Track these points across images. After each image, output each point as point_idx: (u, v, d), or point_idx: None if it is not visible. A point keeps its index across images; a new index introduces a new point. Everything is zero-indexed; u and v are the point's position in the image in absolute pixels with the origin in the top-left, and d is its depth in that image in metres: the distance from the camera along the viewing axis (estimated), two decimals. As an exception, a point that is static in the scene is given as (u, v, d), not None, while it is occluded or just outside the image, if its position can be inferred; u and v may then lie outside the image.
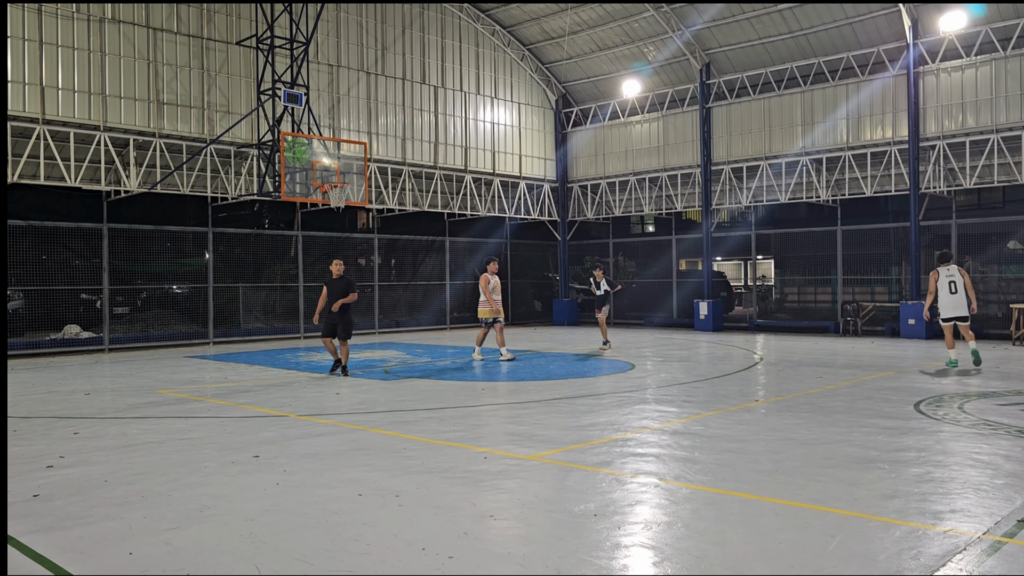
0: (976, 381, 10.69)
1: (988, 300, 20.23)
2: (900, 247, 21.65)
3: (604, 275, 16.60)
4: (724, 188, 22.40)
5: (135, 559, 4.13)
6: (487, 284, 13.90)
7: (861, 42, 19.78)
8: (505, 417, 8.25)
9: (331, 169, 17.57)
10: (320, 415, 8.55)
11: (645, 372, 12.29)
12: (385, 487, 5.48)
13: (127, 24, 16.87)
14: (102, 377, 12.65)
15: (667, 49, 22.45)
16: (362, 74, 20.86)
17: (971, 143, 18.25)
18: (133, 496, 5.34)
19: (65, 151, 15.99)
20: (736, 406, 8.81)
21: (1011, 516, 4.67)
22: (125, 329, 18.93)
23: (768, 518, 4.70)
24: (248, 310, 20.91)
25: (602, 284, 16.48)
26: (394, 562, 4.05)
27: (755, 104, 21.73)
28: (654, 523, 4.66)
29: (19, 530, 4.59)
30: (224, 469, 6.10)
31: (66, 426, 8.08)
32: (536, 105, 25.41)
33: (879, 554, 4.06)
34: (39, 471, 6.10)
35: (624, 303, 26.09)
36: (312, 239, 21.87)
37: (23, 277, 16.40)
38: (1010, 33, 17.63)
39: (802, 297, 24.56)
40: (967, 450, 6.43)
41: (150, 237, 18.53)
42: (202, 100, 17.94)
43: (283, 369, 13.23)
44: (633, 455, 6.41)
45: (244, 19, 18.64)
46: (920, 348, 15.87)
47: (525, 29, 23.84)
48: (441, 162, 22.62)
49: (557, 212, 26.02)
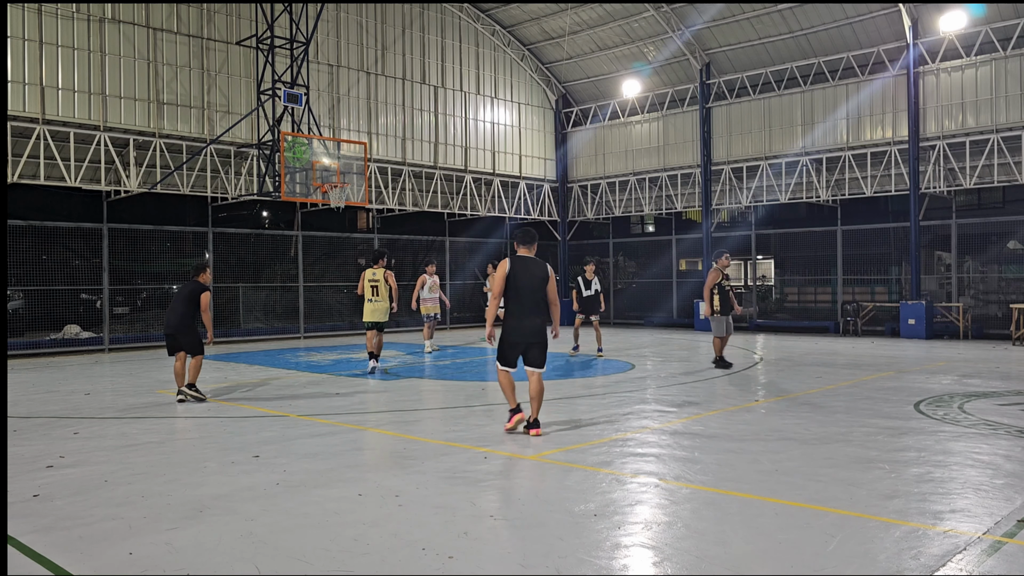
0: (976, 381, 10.69)
1: (988, 300, 20.24)
2: (900, 247, 21.65)
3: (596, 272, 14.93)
4: (724, 188, 22.40)
5: (135, 559, 4.13)
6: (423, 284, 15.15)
7: (861, 42, 19.78)
8: (505, 417, 8.24)
9: (331, 169, 17.57)
10: (320, 415, 8.55)
11: (645, 372, 12.29)
12: (385, 487, 5.48)
13: (127, 24, 16.87)
14: (102, 377, 12.65)
15: (667, 49, 22.45)
16: (362, 74, 20.86)
17: (971, 143, 18.25)
18: (133, 496, 5.34)
19: (65, 151, 15.99)
20: (736, 406, 8.81)
21: (1011, 516, 4.67)
22: (125, 329, 18.93)
23: (768, 518, 4.70)
24: (248, 310, 20.91)
25: (593, 283, 14.73)
26: (394, 562, 4.05)
27: (755, 104, 21.73)
28: (654, 523, 4.66)
29: (19, 530, 4.59)
30: (224, 469, 6.10)
31: (66, 426, 8.08)
32: (536, 105, 25.41)
33: (879, 554, 4.06)
34: (39, 471, 6.10)
35: (624, 303, 26.11)
36: (312, 239, 21.87)
37: (23, 277, 16.40)
38: (1010, 33, 17.63)
39: (802, 297, 24.56)
40: (967, 450, 6.43)
41: (150, 237, 18.53)
42: (202, 100, 17.93)
43: (283, 369, 13.23)
44: (633, 455, 6.41)
45: (244, 19, 18.64)
46: (920, 348, 15.87)
47: (525, 29, 23.84)
48: (441, 162, 22.63)
49: (557, 212, 26.03)
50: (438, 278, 15.74)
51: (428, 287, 15.26)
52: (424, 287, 15.36)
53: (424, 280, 15.19)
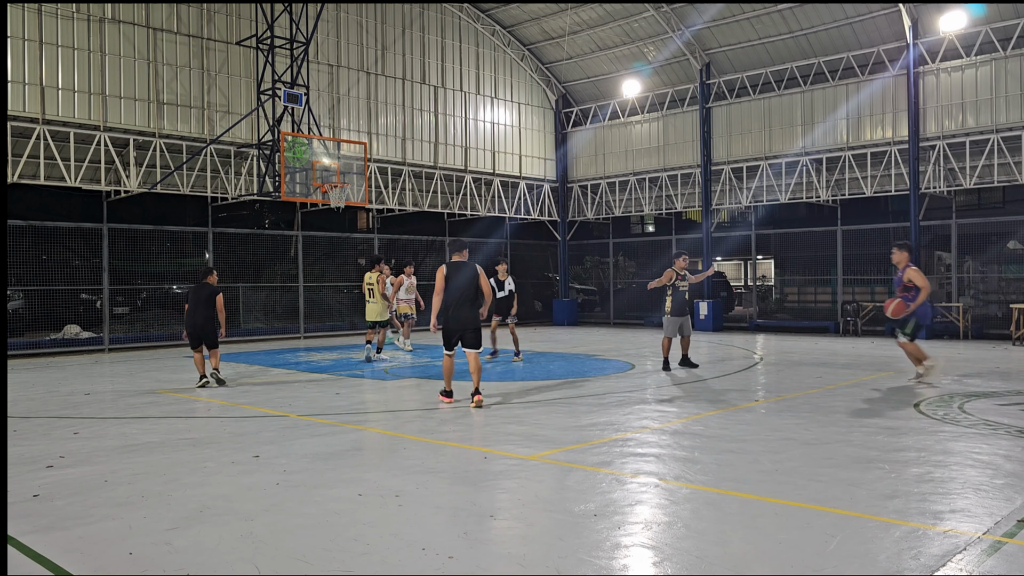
0: (976, 381, 10.69)
1: (988, 300, 20.24)
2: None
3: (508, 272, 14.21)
4: (724, 188, 22.40)
5: (135, 559, 4.13)
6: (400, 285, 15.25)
7: (861, 42, 19.78)
8: (505, 417, 8.25)
9: (331, 169, 17.58)
10: (320, 415, 8.55)
11: (645, 372, 12.29)
12: (385, 487, 5.48)
13: (127, 24, 16.87)
14: (102, 377, 12.65)
15: (667, 49, 22.45)
16: (362, 74, 20.86)
17: (971, 143, 18.24)
18: (133, 496, 5.34)
19: (65, 151, 15.99)
20: (736, 406, 8.81)
21: (1011, 516, 4.67)
22: (125, 329, 18.93)
23: (768, 518, 4.70)
24: (248, 310, 20.92)
25: (507, 283, 13.90)
26: (394, 562, 4.05)
27: (755, 104, 21.73)
28: (654, 523, 4.66)
29: (19, 530, 4.59)
30: (224, 469, 6.10)
31: (66, 426, 8.08)
32: (536, 105, 25.41)
33: (879, 554, 4.06)
34: (39, 471, 6.10)
35: (624, 303, 26.10)
36: (312, 239, 21.87)
37: (23, 277, 16.40)
38: (1010, 33, 17.63)
39: (802, 297, 24.56)
40: (967, 450, 6.43)
41: (150, 237, 18.53)
42: (202, 100, 17.93)
43: (283, 369, 13.23)
44: (633, 455, 6.41)
45: (244, 19, 18.64)
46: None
47: (525, 29, 23.84)
48: (441, 162, 22.62)
49: (557, 212, 26.02)
50: (415, 279, 15.84)
51: (405, 288, 15.44)
52: (401, 288, 15.49)
53: (402, 281, 15.33)
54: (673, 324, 12.19)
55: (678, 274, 12.11)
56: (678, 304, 12.09)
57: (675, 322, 12.18)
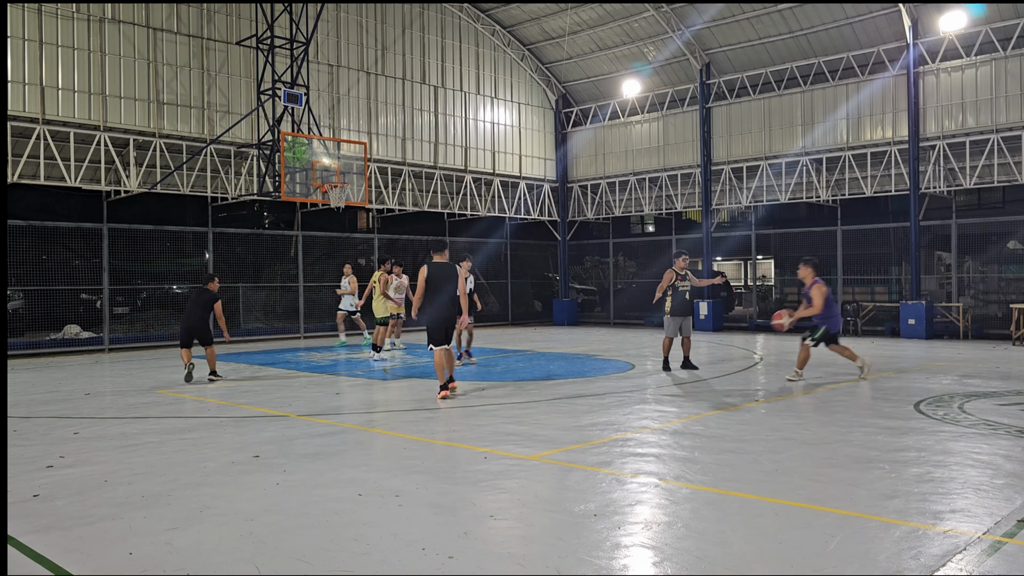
0: (976, 381, 10.69)
1: (988, 300, 20.24)
2: (900, 247, 21.66)
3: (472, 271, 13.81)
4: (724, 188, 22.39)
5: (135, 559, 4.13)
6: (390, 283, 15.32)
7: (861, 42, 19.77)
8: (505, 417, 8.25)
9: (331, 169, 17.58)
10: (320, 415, 8.55)
11: (645, 372, 12.29)
12: (385, 487, 5.48)
13: (127, 24, 16.87)
14: (102, 377, 12.65)
15: (667, 49, 22.45)
16: (362, 74, 20.86)
17: (971, 143, 18.24)
18: (133, 496, 5.34)
19: (65, 151, 15.99)
20: (736, 406, 8.81)
21: (1011, 516, 4.67)
22: (125, 329, 18.93)
23: (768, 518, 4.70)
24: (248, 310, 20.92)
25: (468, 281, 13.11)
26: (394, 562, 4.05)
27: (755, 104, 21.73)
28: (654, 523, 4.66)
29: (19, 530, 4.59)
30: (224, 469, 6.10)
31: (66, 426, 8.08)
32: (536, 105, 25.41)
33: (879, 554, 4.06)
34: (39, 471, 6.10)
35: (624, 303, 26.11)
36: (312, 239, 21.87)
37: (23, 277, 16.40)
38: (1010, 33, 17.62)
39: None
40: (967, 450, 6.43)
41: (150, 237, 18.53)
42: (202, 100, 17.93)
43: (283, 369, 13.23)
44: (633, 455, 6.41)
45: (244, 19, 18.64)
46: (920, 348, 15.87)
47: (525, 29, 23.84)
48: (441, 162, 22.62)
49: (557, 212, 26.02)
50: (406, 278, 15.82)
51: (394, 288, 15.47)
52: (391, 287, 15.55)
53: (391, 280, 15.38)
54: (674, 324, 12.20)
55: (678, 274, 12.13)
56: (679, 304, 12.11)
57: (676, 322, 12.18)
